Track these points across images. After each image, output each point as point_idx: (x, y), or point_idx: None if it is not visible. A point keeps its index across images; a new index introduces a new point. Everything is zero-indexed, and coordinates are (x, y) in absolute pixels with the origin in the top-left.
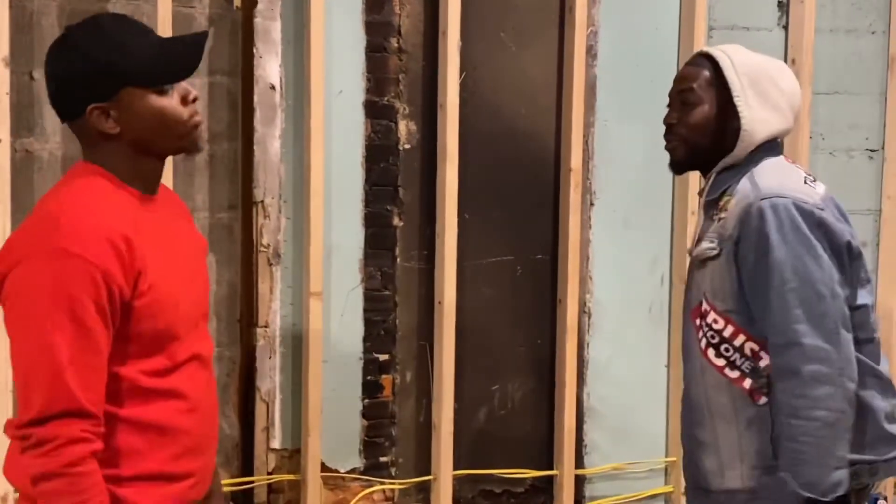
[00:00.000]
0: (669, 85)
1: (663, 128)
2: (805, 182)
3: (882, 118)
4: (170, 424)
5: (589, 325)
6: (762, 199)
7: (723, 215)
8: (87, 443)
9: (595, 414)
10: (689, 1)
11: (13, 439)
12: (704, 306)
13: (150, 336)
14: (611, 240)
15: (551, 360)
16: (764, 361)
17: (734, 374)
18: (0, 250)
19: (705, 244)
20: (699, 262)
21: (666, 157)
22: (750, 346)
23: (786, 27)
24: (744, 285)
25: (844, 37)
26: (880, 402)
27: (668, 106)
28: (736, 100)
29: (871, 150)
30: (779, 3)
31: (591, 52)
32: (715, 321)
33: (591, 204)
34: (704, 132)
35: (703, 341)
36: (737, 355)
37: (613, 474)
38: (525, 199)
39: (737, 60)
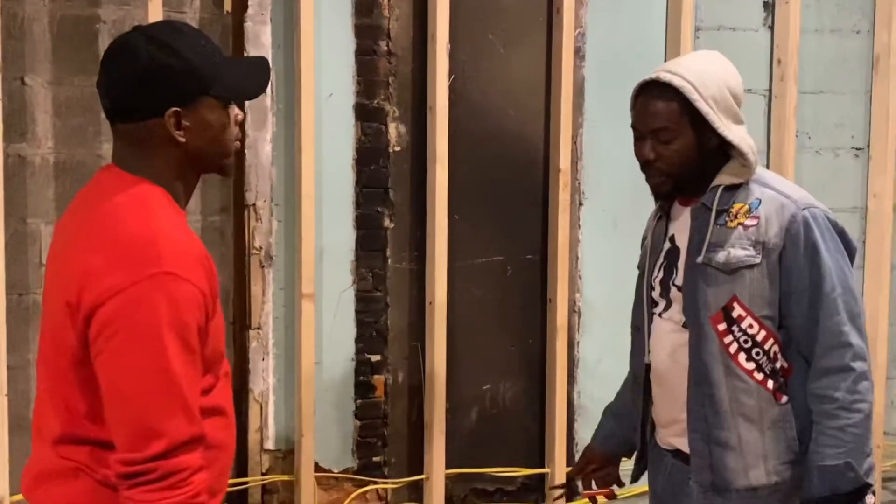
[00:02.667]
0: None
1: None
2: None
3: (867, 117)
4: (215, 441)
5: (579, 324)
6: (803, 209)
7: (748, 222)
8: (206, 471)
9: (585, 412)
10: (675, 2)
11: (124, 477)
12: (737, 312)
13: (210, 356)
14: (600, 239)
15: (542, 359)
16: (780, 362)
17: (760, 377)
18: (81, 281)
19: (738, 252)
20: (728, 270)
21: None
22: (774, 349)
23: (771, 27)
24: (782, 291)
25: (829, 37)
26: None
27: (637, 138)
28: (719, 130)
29: (856, 149)
30: (764, 3)
31: (578, 54)
32: (751, 326)
33: (580, 204)
34: (688, 162)
35: (734, 346)
36: (764, 358)
37: None
38: (514, 200)
39: (699, 85)
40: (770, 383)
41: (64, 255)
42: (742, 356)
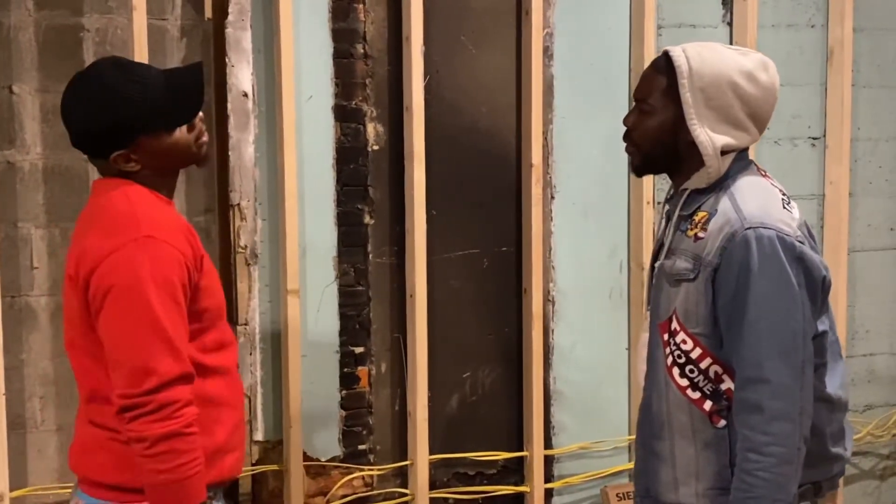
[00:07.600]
0: (623, 82)
1: (618, 122)
2: (784, 206)
3: (822, 108)
4: (222, 399)
5: (553, 312)
6: (747, 229)
7: (700, 234)
8: (194, 406)
9: (561, 397)
10: (638, 2)
11: (123, 411)
12: (674, 325)
13: (211, 312)
14: (571, 231)
15: (518, 346)
16: (725, 385)
17: (695, 395)
18: (78, 256)
19: (681, 263)
20: (673, 280)
21: (621, 151)
22: (714, 369)
23: (730, 24)
24: (717, 312)
25: (786, 31)
26: (826, 425)
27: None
28: (688, 120)
29: (813, 139)
30: (723, 1)
31: (547, 53)
32: (684, 342)
33: (552, 197)
34: (657, 143)
35: (670, 359)
36: (700, 377)
37: (580, 453)
38: (489, 195)
39: (696, 69)
40: (707, 404)
41: (72, 246)
42: (676, 371)
